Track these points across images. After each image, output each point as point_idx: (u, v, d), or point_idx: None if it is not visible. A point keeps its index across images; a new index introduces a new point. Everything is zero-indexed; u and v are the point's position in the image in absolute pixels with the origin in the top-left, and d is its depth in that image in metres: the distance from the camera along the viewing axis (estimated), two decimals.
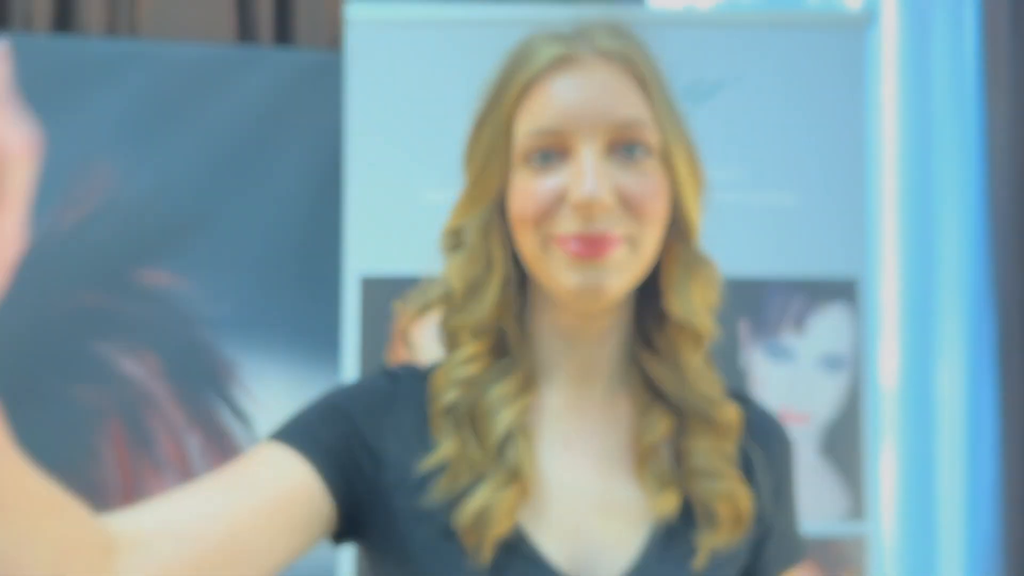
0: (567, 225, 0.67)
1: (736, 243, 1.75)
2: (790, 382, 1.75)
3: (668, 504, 0.70)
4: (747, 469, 0.74)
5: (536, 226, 0.68)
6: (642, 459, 0.72)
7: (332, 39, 1.98)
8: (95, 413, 1.76)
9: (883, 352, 2.05)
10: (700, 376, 0.72)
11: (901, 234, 2.07)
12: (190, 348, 1.81)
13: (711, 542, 0.70)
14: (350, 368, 1.69)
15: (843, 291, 1.76)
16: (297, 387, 1.82)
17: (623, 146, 0.69)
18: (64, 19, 1.97)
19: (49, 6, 1.93)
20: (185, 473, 1.77)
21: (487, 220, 0.72)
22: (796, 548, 0.79)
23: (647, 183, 0.69)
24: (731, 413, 0.73)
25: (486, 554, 0.67)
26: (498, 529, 0.67)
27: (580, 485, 0.71)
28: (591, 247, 0.66)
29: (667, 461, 0.72)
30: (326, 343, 1.78)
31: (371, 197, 1.74)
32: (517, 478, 0.68)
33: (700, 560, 0.69)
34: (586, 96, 0.68)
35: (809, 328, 1.76)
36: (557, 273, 0.68)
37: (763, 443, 0.76)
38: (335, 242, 1.75)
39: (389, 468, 0.71)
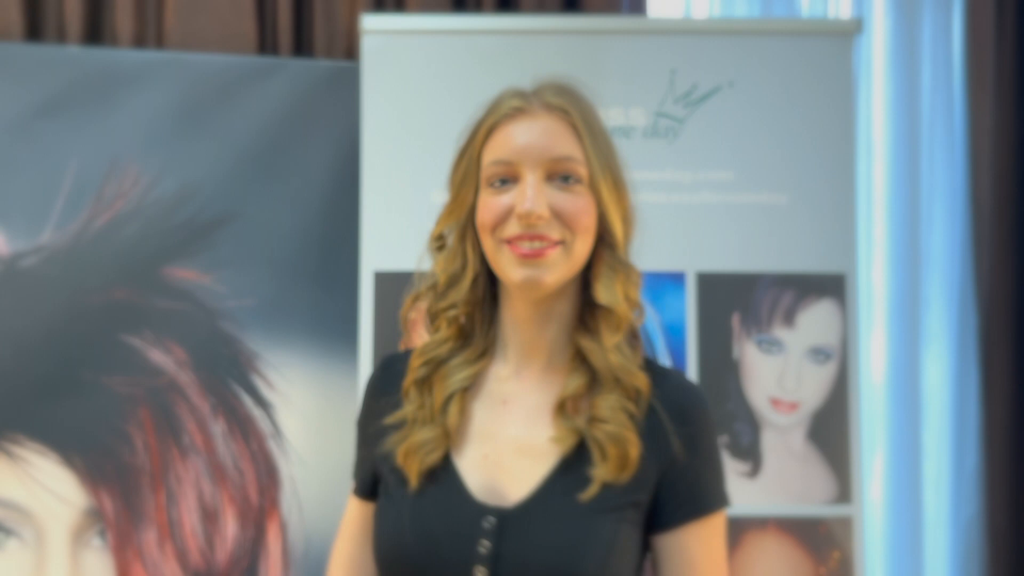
0: (512, 229, 0.88)
1: (730, 240, 1.83)
2: (780, 372, 1.82)
3: (567, 442, 0.87)
4: (652, 427, 0.89)
5: (492, 231, 0.89)
6: (558, 410, 0.89)
7: (348, 49, 2.05)
8: (127, 401, 1.82)
9: (871, 344, 2.12)
10: (616, 350, 0.89)
11: (889, 232, 2.13)
12: (215, 340, 1.86)
13: (600, 475, 0.86)
14: (366, 356, 1.76)
15: (831, 286, 1.83)
16: (316, 375, 1.88)
17: (559, 175, 0.89)
18: (95, 31, 2.04)
19: (81, 19, 2.01)
20: (210, 456, 1.85)
21: (463, 228, 0.93)
22: (705, 497, 0.90)
23: (576, 202, 0.88)
24: (639, 380, 0.89)
25: (415, 481, 0.88)
26: (425, 462, 0.88)
27: (506, 433, 0.91)
28: (532, 252, 0.87)
29: (579, 415, 0.89)
30: (343, 333, 1.84)
31: (385, 197, 1.80)
32: (446, 425, 0.90)
33: (590, 491, 0.85)
34: (532, 138, 0.88)
35: (799, 321, 1.83)
36: (507, 268, 0.89)
37: (674, 410, 0.90)
38: (351, 239, 1.81)
39: (379, 438, 0.94)
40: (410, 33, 1.86)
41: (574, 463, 0.87)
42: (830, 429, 1.80)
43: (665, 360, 1.82)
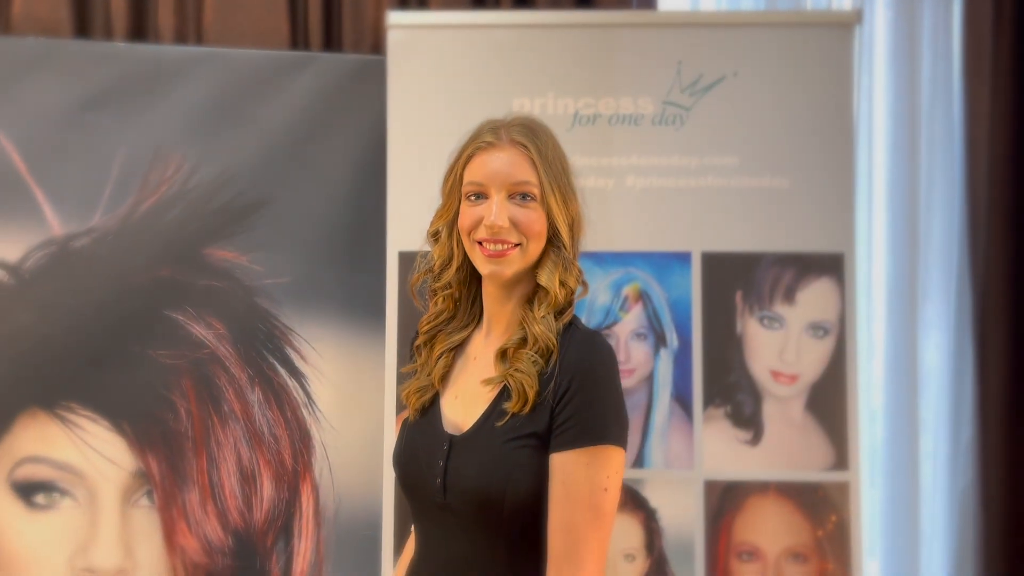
0: (482, 234, 1.16)
1: (734, 222, 1.93)
2: (781, 347, 1.92)
3: (496, 385, 1.15)
4: (552, 376, 1.13)
5: (468, 234, 1.17)
6: (497, 359, 1.17)
7: (374, 44, 2.16)
8: (171, 371, 1.93)
9: (872, 321, 2.21)
10: (543, 320, 1.15)
11: (889, 214, 2.21)
12: (252, 315, 1.96)
13: (510, 407, 1.12)
14: (391, 329, 1.86)
15: (830, 265, 1.92)
16: (346, 348, 1.97)
17: (518, 194, 1.16)
18: (139, 28, 2.17)
19: (126, 17, 2.13)
20: (248, 423, 1.97)
21: (450, 227, 1.21)
22: (583, 432, 1.11)
23: (530, 215, 1.16)
24: (550, 343, 1.14)
25: (413, 415, 1.21)
26: (419, 402, 1.20)
27: (471, 380, 1.20)
28: (496, 253, 1.15)
29: (498, 363, 1.17)
30: (371, 309, 1.92)
31: (408, 183, 1.89)
32: (433, 376, 1.21)
33: (503, 421, 1.12)
34: (498, 166, 1.16)
35: (799, 298, 1.92)
36: (479, 263, 1.17)
37: (568, 365, 1.14)
38: (378, 221, 1.90)
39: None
40: (432, 28, 1.96)
41: (501, 402, 1.14)
42: (827, 400, 1.90)
43: (671, 335, 1.93)
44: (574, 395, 1.11)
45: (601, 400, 1.12)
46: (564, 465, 1.10)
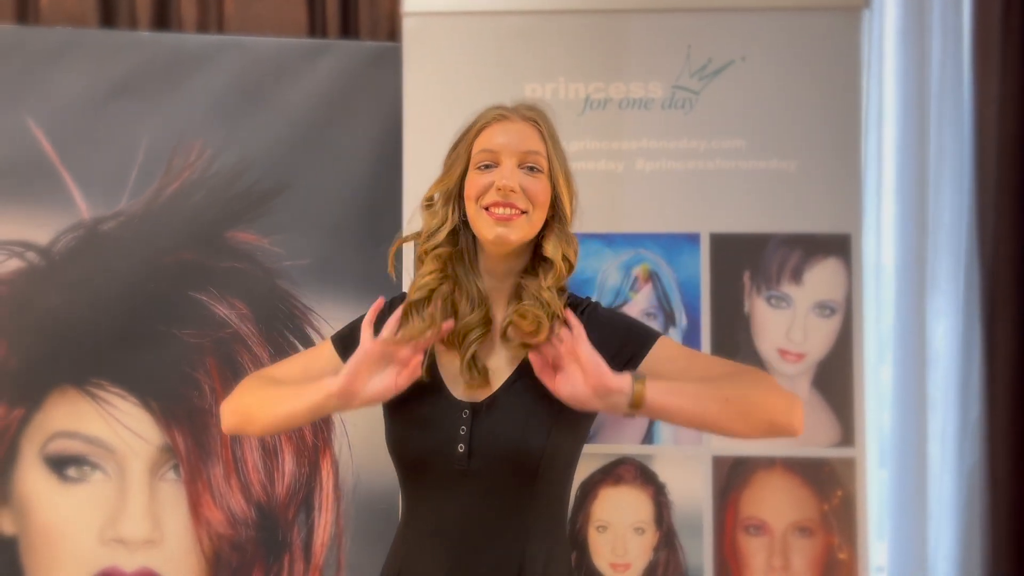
0: (492, 198, 1.20)
1: (742, 203, 1.96)
2: (788, 326, 1.95)
3: (519, 356, 1.20)
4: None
5: (476, 200, 1.21)
6: (503, 329, 1.23)
7: (390, 31, 2.20)
8: (196, 350, 1.99)
9: (881, 300, 2.23)
10: (548, 289, 1.22)
11: (898, 195, 2.22)
12: (273, 296, 2.01)
13: (527, 334, 1.19)
14: None
15: (837, 245, 1.95)
16: None
17: (527, 164, 1.22)
18: (162, 18, 2.22)
19: (150, 7, 2.19)
20: None
21: (447, 195, 1.26)
22: (646, 334, 1.24)
23: (537, 184, 1.22)
24: (558, 310, 1.21)
25: (424, 373, 1.22)
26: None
27: (485, 352, 1.22)
28: (504, 216, 1.19)
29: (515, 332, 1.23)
30: (387, 289, 1.89)
31: (424, 167, 1.82)
32: (433, 322, 1.23)
33: (534, 392, 1.16)
34: (510, 136, 1.22)
35: (806, 278, 1.95)
36: (484, 228, 1.22)
37: (596, 323, 1.24)
38: (394, 205, 1.94)
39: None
40: (446, 14, 2.00)
41: (525, 370, 1.20)
42: (834, 378, 1.93)
43: (680, 314, 1.97)
44: (615, 331, 1.21)
45: (625, 321, 1.26)
46: (661, 352, 1.20)
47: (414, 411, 1.20)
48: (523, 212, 1.19)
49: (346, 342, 1.32)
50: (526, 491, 1.15)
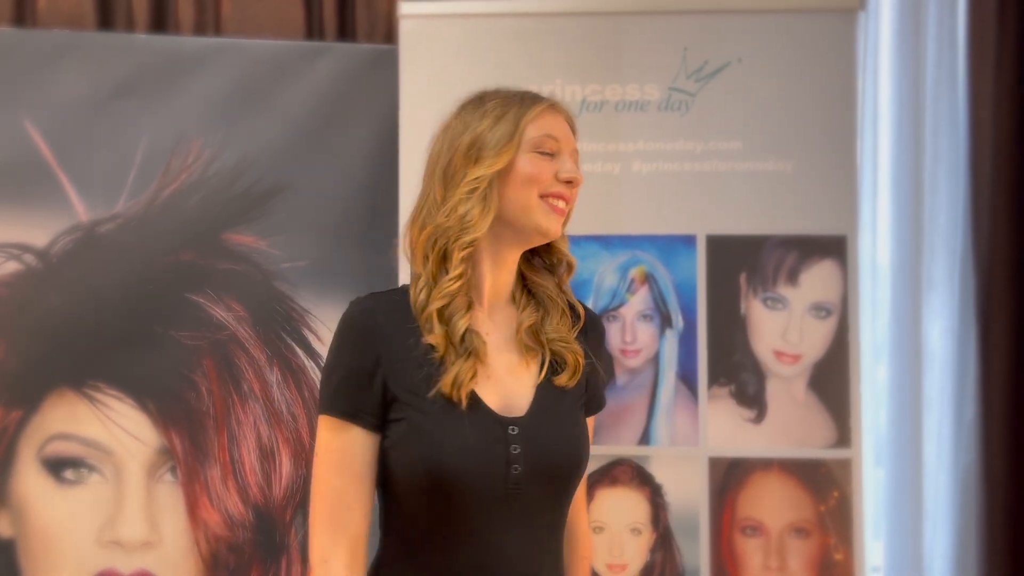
0: (556, 188, 1.11)
1: (738, 205, 1.96)
2: (784, 327, 1.95)
3: (538, 359, 1.13)
4: (583, 344, 1.17)
5: (537, 186, 1.10)
6: (519, 337, 1.13)
7: (387, 34, 2.21)
8: (193, 352, 1.99)
9: (876, 301, 2.24)
10: (570, 292, 1.18)
11: (894, 196, 2.23)
12: (270, 298, 2.02)
13: (564, 380, 1.12)
14: None
15: (832, 247, 1.95)
16: None
17: (574, 162, 1.16)
18: (160, 20, 2.23)
19: (147, 9, 2.20)
20: (267, 402, 2.03)
21: (490, 180, 1.10)
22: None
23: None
24: (580, 310, 1.17)
25: (464, 402, 1.05)
26: (466, 388, 1.05)
27: (497, 360, 1.11)
28: (562, 210, 1.12)
29: (533, 338, 1.14)
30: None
31: (421, 168, 1.91)
32: (475, 357, 1.08)
33: (567, 400, 1.12)
34: (564, 129, 1.15)
35: (802, 280, 1.95)
36: (539, 216, 1.11)
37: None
38: (391, 206, 1.94)
39: (393, 375, 1.07)
40: (443, 17, 2.01)
41: (548, 376, 1.12)
42: (829, 379, 1.94)
43: (677, 316, 1.98)
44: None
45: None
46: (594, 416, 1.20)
47: (450, 428, 1.04)
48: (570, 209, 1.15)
49: (350, 404, 1.08)
50: (566, 505, 1.12)
